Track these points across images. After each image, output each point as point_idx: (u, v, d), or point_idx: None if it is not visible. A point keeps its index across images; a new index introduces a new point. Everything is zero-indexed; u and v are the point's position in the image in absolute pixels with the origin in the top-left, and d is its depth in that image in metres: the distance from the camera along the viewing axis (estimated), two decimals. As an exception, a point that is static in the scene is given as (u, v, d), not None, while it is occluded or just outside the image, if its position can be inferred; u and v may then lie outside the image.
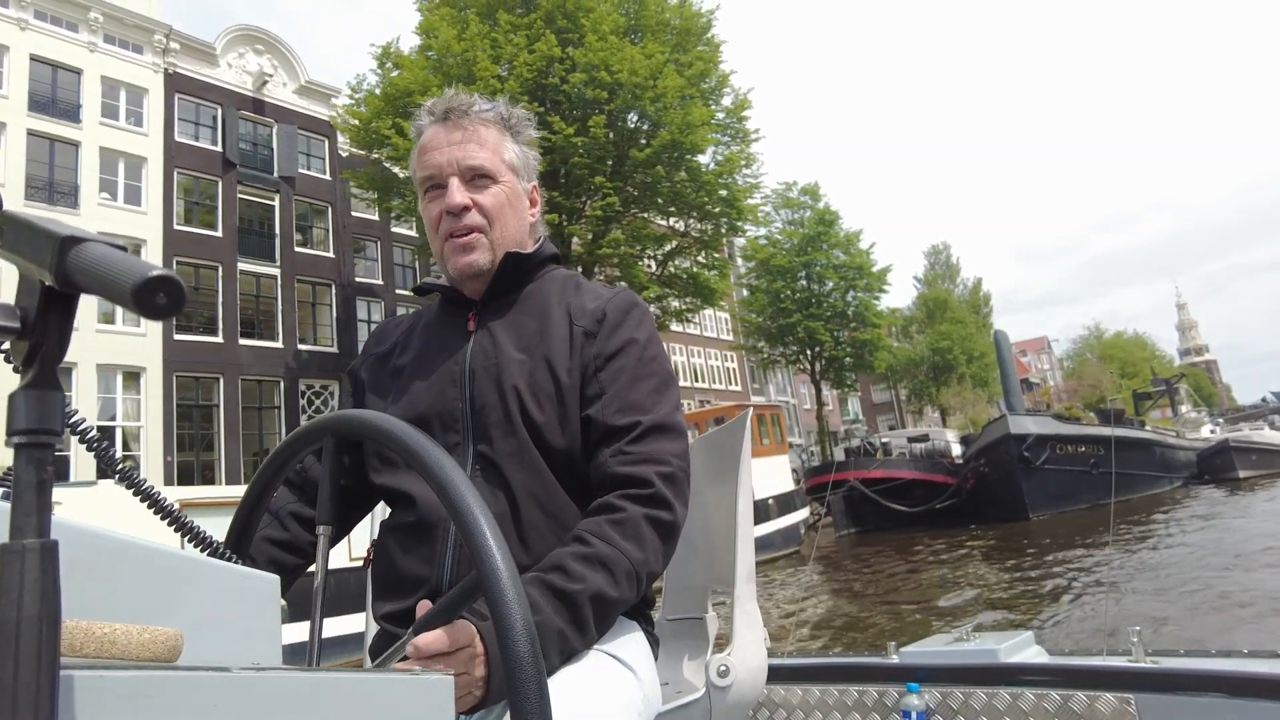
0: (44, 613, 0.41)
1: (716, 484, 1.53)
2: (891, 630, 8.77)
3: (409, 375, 1.21)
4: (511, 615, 0.65)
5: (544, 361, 1.13)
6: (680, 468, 1.08)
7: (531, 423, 1.09)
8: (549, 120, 18.00)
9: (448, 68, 18.50)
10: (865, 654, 1.97)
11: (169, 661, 0.53)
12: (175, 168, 23.11)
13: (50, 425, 0.44)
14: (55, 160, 21.06)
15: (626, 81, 17.73)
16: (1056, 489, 20.16)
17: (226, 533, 1.00)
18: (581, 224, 18.77)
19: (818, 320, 30.04)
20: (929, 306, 45.12)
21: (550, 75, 18.18)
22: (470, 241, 1.19)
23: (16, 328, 0.44)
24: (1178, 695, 1.46)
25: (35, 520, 0.43)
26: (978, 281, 51.50)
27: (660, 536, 1.02)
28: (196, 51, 24.37)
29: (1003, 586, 11.12)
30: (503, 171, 1.22)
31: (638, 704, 0.97)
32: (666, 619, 1.61)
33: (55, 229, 0.43)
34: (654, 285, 20.08)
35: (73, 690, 0.44)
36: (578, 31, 18.25)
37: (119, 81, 22.55)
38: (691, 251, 21.80)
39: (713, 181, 20.01)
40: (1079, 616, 8.24)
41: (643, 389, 1.12)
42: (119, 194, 22.03)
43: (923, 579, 12.57)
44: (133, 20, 22.91)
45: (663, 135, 18.26)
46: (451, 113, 1.22)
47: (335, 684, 0.55)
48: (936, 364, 43.51)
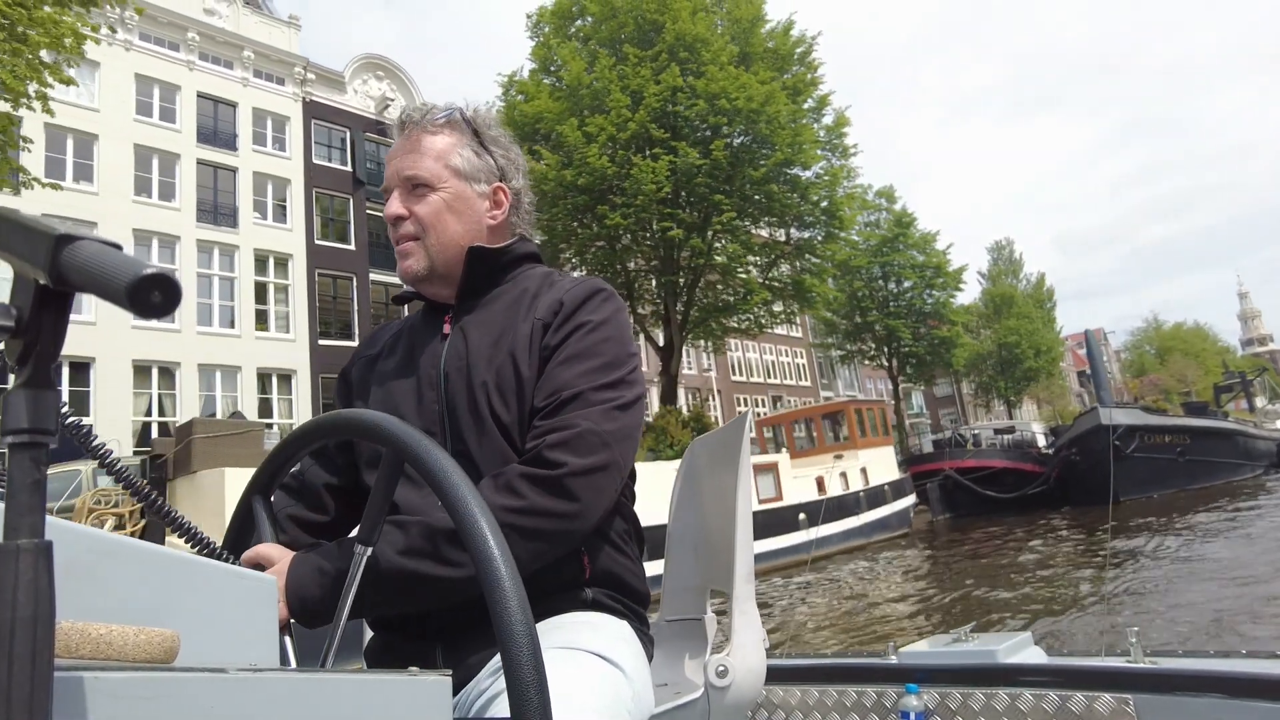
0: (38, 614, 0.41)
1: (716, 485, 1.53)
2: (1021, 599, 10.34)
3: (391, 379, 1.23)
4: (513, 618, 0.64)
5: (510, 358, 1.13)
6: (589, 429, 1.03)
7: (500, 421, 1.10)
8: (674, 145, 19.89)
9: (580, 98, 20.45)
10: (864, 654, 1.97)
11: (166, 663, 0.53)
12: (314, 187, 25.46)
13: (45, 425, 0.44)
14: (218, 185, 23.50)
15: (744, 107, 19.50)
16: (1145, 475, 21.58)
17: (224, 534, 1.02)
18: (704, 238, 20.62)
19: (898, 319, 31.54)
20: (995, 302, 46.09)
21: (676, 103, 20.03)
22: (406, 249, 1.21)
23: (11, 326, 0.44)
24: (1176, 696, 1.46)
25: (30, 520, 0.42)
26: (1041, 276, 52.17)
27: (539, 489, 0.99)
28: (328, 80, 26.73)
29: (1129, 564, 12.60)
30: (443, 178, 1.22)
31: (626, 703, 0.95)
32: (665, 620, 1.61)
33: (49, 227, 0.43)
34: (762, 291, 21.82)
35: (69, 691, 0.44)
36: (697, 62, 20.06)
37: (266, 111, 24.97)
38: (791, 258, 23.49)
39: (815, 192, 21.70)
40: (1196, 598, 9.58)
41: (576, 369, 1.10)
42: (268, 213, 24.42)
43: (1057, 557, 14.09)
44: (277, 56, 25.31)
45: (776, 155, 20.00)
46: (405, 124, 1.25)
47: (332, 685, 0.56)
48: (1004, 358, 44.51)
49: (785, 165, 20.44)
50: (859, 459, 19.07)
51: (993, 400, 48.34)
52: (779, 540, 15.19)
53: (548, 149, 20.52)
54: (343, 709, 0.56)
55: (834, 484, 17.49)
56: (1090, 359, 26.67)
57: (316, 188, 25.54)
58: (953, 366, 35.40)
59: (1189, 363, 61.27)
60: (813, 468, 17.75)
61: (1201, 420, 26.15)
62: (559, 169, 19.81)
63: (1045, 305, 50.29)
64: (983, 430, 29.64)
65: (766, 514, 15.22)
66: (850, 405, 20.99)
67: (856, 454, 19.27)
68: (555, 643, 0.96)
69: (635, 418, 1.10)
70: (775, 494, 15.83)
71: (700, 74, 19.85)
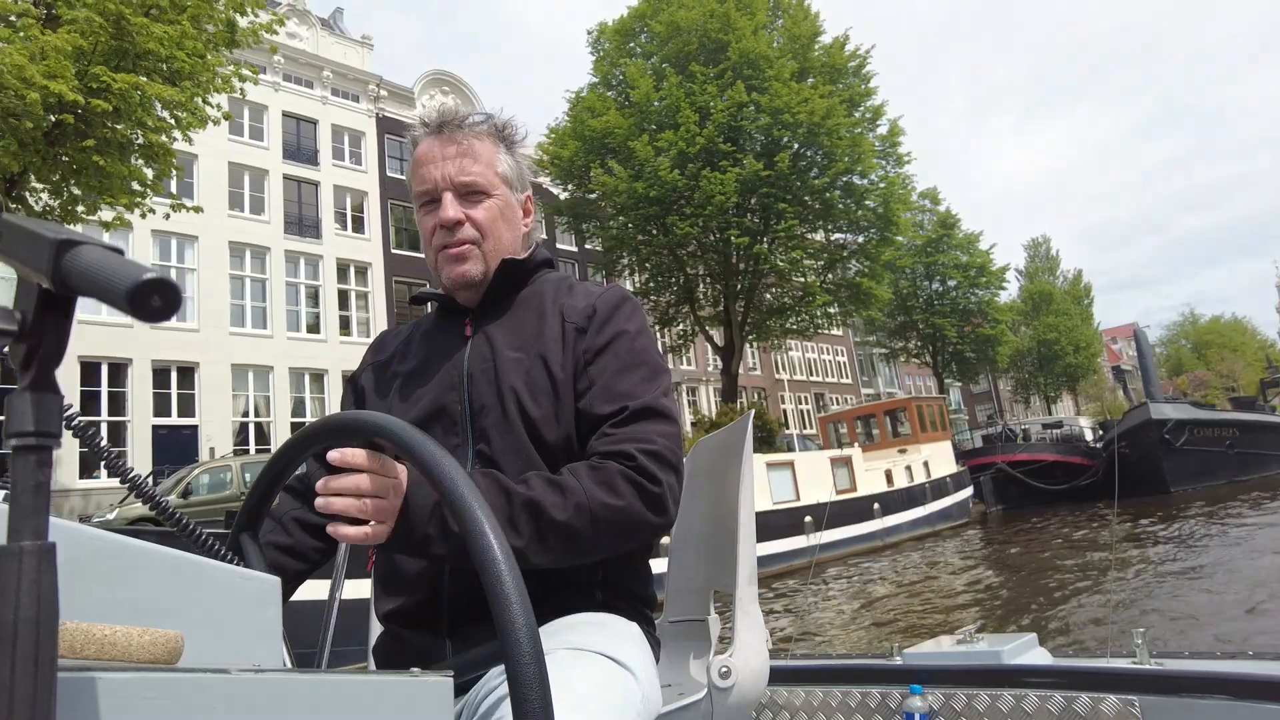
0: (41, 614, 0.41)
1: (718, 486, 1.53)
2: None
3: (409, 381, 1.23)
4: (513, 611, 0.64)
5: (539, 359, 1.15)
6: (666, 447, 1.07)
7: (529, 419, 1.12)
8: (739, 157, 21.06)
9: (649, 114, 21.65)
10: (867, 656, 1.98)
11: (169, 663, 0.54)
12: (389, 199, 26.88)
13: (48, 427, 0.44)
14: (302, 199, 24.98)
15: (806, 121, 20.61)
16: (1195, 467, 22.65)
17: (229, 534, 1.02)
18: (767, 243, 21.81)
19: (945, 318, 32.51)
20: (1034, 299, 46.76)
21: (741, 119, 21.19)
22: (463, 252, 1.21)
23: (14, 330, 0.44)
24: (1183, 698, 1.44)
25: (33, 522, 0.43)
26: (1078, 273, 52.73)
27: (640, 497, 1.02)
28: (399, 96, 28.17)
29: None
30: (496, 185, 1.24)
31: (636, 704, 0.96)
32: (669, 621, 1.61)
33: (51, 232, 0.44)
34: (823, 294, 22.93)
35: (72, 692, 0.44)
36: (760, 78, 21.19)
37: (344, 127, 26.45)
38: (847, 260, 24.56)
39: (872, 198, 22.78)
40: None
41: (631, 378, 1.13)
42: (348, 224, 25.88)
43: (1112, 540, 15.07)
44: (353, 75, 26.78)
45: (837, 165, 21.10)
46: (445, 125, 1.23)
47: (335, 686, 0.56)
48: (1043, 355, 45.16)
49: (844, 174, 21.56)
50: (921, 453, 20.19)
51: (1032, 396, 48.99)
52: (854, 528, 16.37)
53: (616, 162, 21.75)
54: (346, 709, 0.56)
55: (900, 477, 18.63)
56: (1140, 356, 27.56)
57: (391, 199, 26.95)
58: (997, 364, 36.26)
59: (1236, 359, 61.21)
60: (879, 461, 18.87)
61: (1250, 414, 27.04)
62: (629, 181, 21.02)
63: (1083, 302, 50.83)
64: (1031, 425, 30.62)
65: (844, 504, 16.44)
66: (912, 402, 22.15)
67: (919, 448, 20.40)
68: (566, 643, 0.97)
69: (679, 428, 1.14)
70: (850, 485, 16.97)
71: (763, 89, 20.98)
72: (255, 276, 23.32)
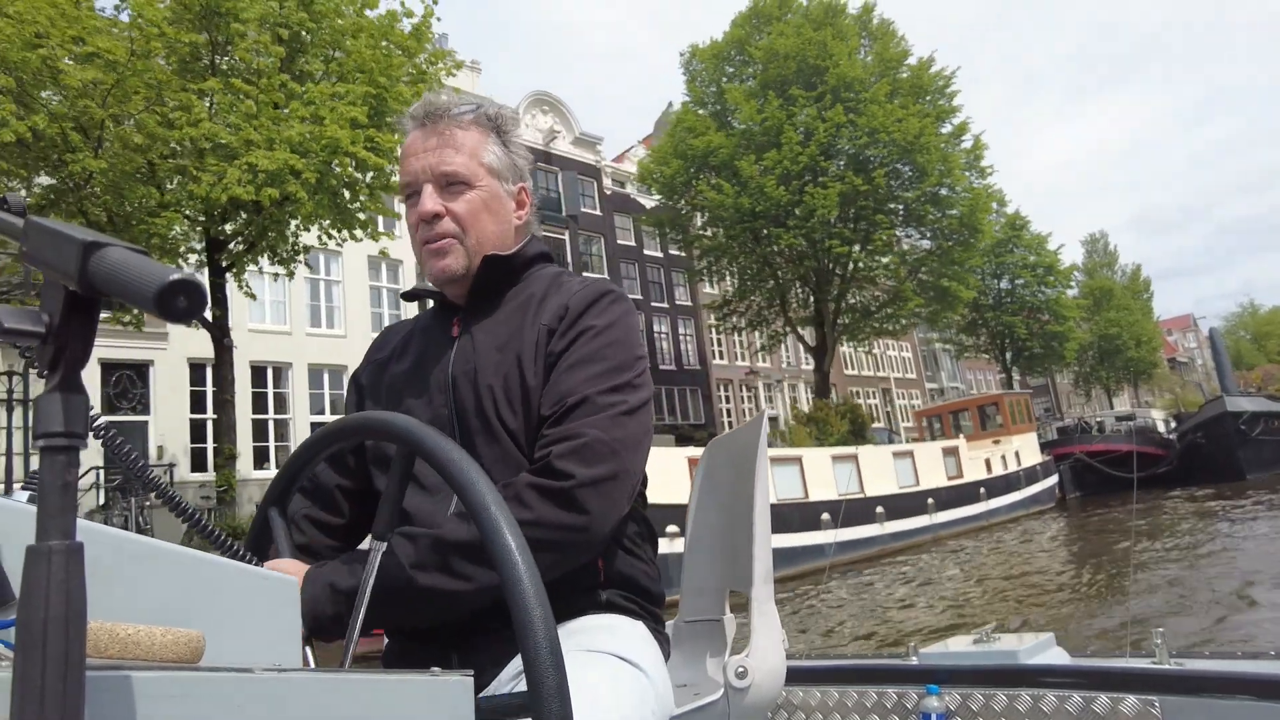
0: (69, 613, 0.42)
1: (734, 485, 1.51)
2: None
3: (401, 382, 1.23)
4: (531, 614, 0.65)
5: (516, 364, 1.12)
6: (598, 439, 1.02)
7: (508, 428, 1.09)
8: (842, 174, 23.06)
9: (752, 135, 23.71)
10: (884, 655, 1.95)
11: (192, 663, 0.54)
12: (498, 213, 29.18)
13: (75, 428, 0.45)
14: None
15: (900, 140, 22.52)
16: (1270, 455, 24.47)
17: (246, 535, 1.03)
18: (864, 251, 23.86)
19: (1015, 316, 34.16)
20: (1095, 295, 47.88)
21: (840, 138, 23.18)
22: (444, 246, 1.18)
23: (41, 332, 0.45)
24: (1203, 698, 1.42)
25: (61, 522, 0.43)
26: (1137, 268, 53.67)
27: (546, 500, 0.98)
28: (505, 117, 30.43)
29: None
30: (479, 176, 1.20)
31: (650, 703, 0.97)
32: (684, 620, 1.60)
33: (78, 234, 0.44)
34: (915, 297, 24.84)
35: (99, 690, 0.45)
36: (856, 100, 23.11)
37: (458, 148, 28.74)
38: (932, 263, 26.40)
39: (960, 208, 24.62)
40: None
41: (577, 375, 1.08)
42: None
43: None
44: (464, 98, 28.96)
45: (929, 179, 23.01)
46: (429, 117, 1.21)
47: (356, 685, 0.56)
48: (1103, 349, 46.31)
49: (935, 187, 23.49)
50: (1012, 444, 22.11)
51: (1094, 389, 50.14)
52: (961, 510, 18.40)
53: (722, 179, 23.87)
54: (367, 709, 0.57)
55: (996, 465, 20.57)
56: (1215, 354, 29.17)
57: (499, 213, 29.21)
58: (1065, 359, 37.75)
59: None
60: (976, 451, 20.77)
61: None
62: (735, 197, 23.10)
63: (1142, 296, 51.77)
64: (1104, 418, 32.22)
65: (952, 489, 18.51)
66: (1004, 397, 24.11)
67: (1010, 440, 22.30)
68: (575, 646, 0.97)
69: (643, 422, 1.09)
70: (958, 472, 19.00)
71: (860, 110, 22.91)
72: (390, 287, 25.74)
